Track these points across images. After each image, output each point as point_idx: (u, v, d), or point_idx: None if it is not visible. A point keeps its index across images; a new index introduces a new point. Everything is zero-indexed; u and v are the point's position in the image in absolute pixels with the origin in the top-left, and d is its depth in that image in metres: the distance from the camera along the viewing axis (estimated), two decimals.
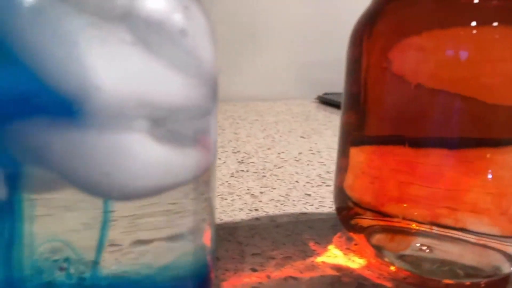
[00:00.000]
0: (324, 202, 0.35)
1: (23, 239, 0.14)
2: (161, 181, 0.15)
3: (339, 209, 0.28)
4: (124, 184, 0.14)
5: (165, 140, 0.14)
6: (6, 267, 0.14)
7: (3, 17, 0.12)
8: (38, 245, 0.15)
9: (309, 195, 0.37)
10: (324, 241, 0.29)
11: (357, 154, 0.26)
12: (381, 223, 0.25)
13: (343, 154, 0.27)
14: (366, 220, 0.26)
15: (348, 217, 0.27)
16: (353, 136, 0.27)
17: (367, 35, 0.24)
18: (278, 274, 0.25)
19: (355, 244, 0.28)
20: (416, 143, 0.24)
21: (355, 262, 0.27)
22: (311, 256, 0.27)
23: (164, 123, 0.14)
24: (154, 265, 0.16)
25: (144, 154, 0.14)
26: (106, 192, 0.14)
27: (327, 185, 0.39)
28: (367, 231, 0.26)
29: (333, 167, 0.44)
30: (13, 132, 0.13)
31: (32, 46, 0.12)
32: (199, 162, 0.16)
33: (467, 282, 0.24)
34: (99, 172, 0.14)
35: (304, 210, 0.34)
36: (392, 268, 0.25)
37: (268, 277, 0.25)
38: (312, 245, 0.29)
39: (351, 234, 0.28)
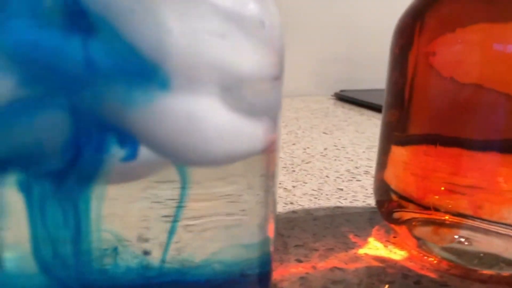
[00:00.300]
0: (357, 197, 0.36)
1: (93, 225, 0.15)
2: (232, 148, 0.15)
3: (379, 202, 0.29)
4: (197, 147, 0.14)
5: (236, 107, 0.15)
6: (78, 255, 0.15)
7: None
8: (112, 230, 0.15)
9: (341, 189, 0.37)
10: (363, 233, 0.30)
11: (400, 150, 0.27)
12: (424, 216, 0.26)
13: (385, 148, 0.28)
14: (409, 213, 0.26)
15: (390, 210, 0.28)
16: (395, 133, 0.27)
17: (416, 31, 0.25)
18: (323, 265, 0.26)
19: (394, 237, 0.29)
20: (460, 141, 0.24)
21: (397, 254, 0.27)
22: (353, 248, 0.28)
23: (234, 91, 0.15)
24: (222, 256, 0.17)
25: (216, 119, 0.14)
26: (181, 155, 0.14)
27: (357, 180, 0.40)
28: (410, 224, 0.27)
29: (360, 162, 0.45)
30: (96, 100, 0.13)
31: (114, 10, 0.13)
32: (267, 134, 0.16)
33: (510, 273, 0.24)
34: (174, 135, 0.14)
35: (339, 204, 0.34)
36: (435, 259, 0.26)
37: (314, 267, 0.26)
38: (352, 237, 0.29)
39: (393, 226, 0.28)
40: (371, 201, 0.35)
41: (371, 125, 0.60)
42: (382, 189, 0.28)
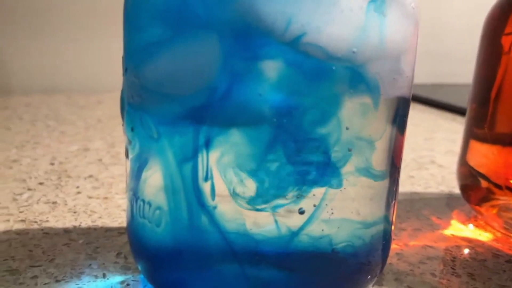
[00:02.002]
0: (429, 183, 0.37)
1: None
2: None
3: (464, 186, 0.30)
4: None
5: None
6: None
7: None
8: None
9: (413, 177, 0.38)
10: (444, 216, 0.31)
11: (483, 146, 0.28)
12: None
13: (468, 140, 0.29)
14: (497, 198, 0.28)
15: (476, 194, 0.29)
16: (479, 126, 0.28)
17: (507, 24, 0.26)
18: (414, 243, 0.27)
19: (475, 220, 0.30)
20: None
21: (482, 235, 0.28)
22: (438, 229, 0.29)
23: (394, 61, 0.16)
24: (358, 228, 0.18)
25: None
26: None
27: (425, 168, 0.41)
28: (498, 207, 0.28)
29: (424, 152, 0.46)
30: None
31: None
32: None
33: None
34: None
35: (414, 190, 0.36)
36: None
37: (406, 245, 0.27)
38: (435, 219, 0.30)
39: (478, 209, 0.29)
40: (444, 188, 0.36)
41: (425, 118, 0.61)
42: (467, 173, 0.29)
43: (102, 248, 0.25)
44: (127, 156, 0.19)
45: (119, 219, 0.28)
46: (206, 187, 0.16)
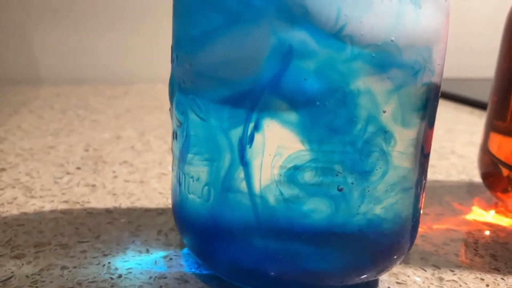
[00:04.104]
0: (450, 172, 0.38)
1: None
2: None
3: (485, 175, 0.31)
4: None
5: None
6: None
7: None
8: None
9: (434, 166, 0.40)
10: (466, 202, 0.32)
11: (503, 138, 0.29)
12: None
13: (490, 127, 0.30)
14: None
15: (497, 181, 0.30)
16: (500, 118, 0.29)
17: None
18: (438, 226, 0.28)
19: (496, 206, 0.31)
20: None
21: (503, 221, 0.30)
22: (460, 214, 0.30)
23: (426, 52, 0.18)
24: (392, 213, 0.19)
25: None
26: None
27: (446, 158, 0.42)
28: None
29: (443, 144, 0.47)
30: None
31: None
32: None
33: None
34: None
35: (436, 178, 0.37)
36: None
37: (430, 228, 0.28)
38: (456, 205, 0.32)
39: (500, 195, 0.30)
40: (464, 176, 0.37)
41: (445, 111, 0.62)
42: (489, 163, 0.30)
43: (144, 226, 0.26)
44: (174, 138, 0.21)
45: (157, 201, 0.30)
46: (253, 164, 0.17)
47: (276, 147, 0.17)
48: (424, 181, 0.21)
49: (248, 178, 0.18)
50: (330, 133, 0.17)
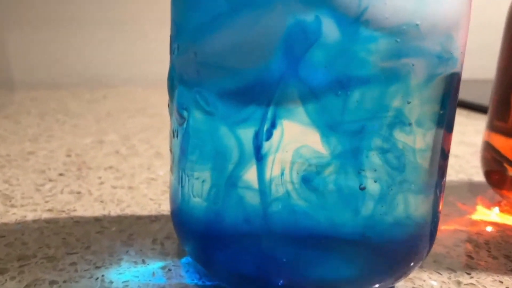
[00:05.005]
0: (448, 172, 0.37)
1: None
2: None
3: (488, 172, 0.30)
4: None
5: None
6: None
7: None
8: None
9: None
10: (469, 202, 0.31)
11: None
12: None
13: (491, 128, 0.29)
14: None
15: (501, 179, 0.29)
16: (500, 118, 0.28)
17: None
18: (446, 227, 0.27)
19: (499, 204, 0.30)
20: None
21: (510, 220, 0.29)
22: (466, 214, 0.29)
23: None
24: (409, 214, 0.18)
25: None
26: None
27: None
28: None
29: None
30: None
31: None
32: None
33: None
34: None
35: None
36: None
37: (438, 229, 0.27)
38: (460, 205, 0.31)
39: (505, 193, 0.30)
40: (463, 176, 0.36)
41: None
42: (492, 160, 0.30)
43: (137, 235, 0.24)
44: (174, 136, 0.19)
45: (148, 208, 0.28)
46: (267, 162, 0.16)
47: (293, 143, 0.16)
48: (443, 183, 0.19)
49: (261, 177, 0.16)
50: (352, 127, 0.15)
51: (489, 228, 0.27)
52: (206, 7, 0.16)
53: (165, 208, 0.28)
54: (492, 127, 0.30)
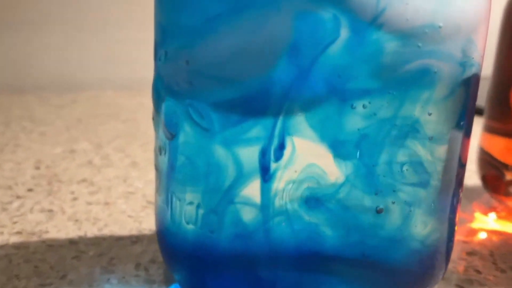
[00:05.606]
0: None
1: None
2: None
3: (485, 177, 0.29)
4: None
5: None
6: None
7: None
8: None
9: None
10: (466, 209, 0.30)
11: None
12: None
13: (488, 129, 0.28)
14: None
15: (498, 183, 0.28)
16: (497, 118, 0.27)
17: None
18: None
19: (496, 210, 0.29)
20: None
21: (509, 227, 0.27)
22: (465, 223, 0.28)
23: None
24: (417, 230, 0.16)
25: None
26: None
27: None
28: None
29: None
30: None
31: None
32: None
33: None
34: None
35: None
36: None
37: None
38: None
39: (503, 198, 0.28)
40: None
41: None
42: (487, 163, 0.28)
43: (118, 259, 0.22)
44: (161, 153, 0.17)
45: (128, 226, 0.25)
46: (273, 183, 0.14)
47: (303, 159, 0.14)
48: (460, 195, 0.18)
49: (266, 200, 0.14)
50: (368, 142, 0.14)
51: (491, 239, 0.26)
52: (199, 7, 0.13)
53: (146, 226, 0.25)
54: (488, 130, 0.29)
